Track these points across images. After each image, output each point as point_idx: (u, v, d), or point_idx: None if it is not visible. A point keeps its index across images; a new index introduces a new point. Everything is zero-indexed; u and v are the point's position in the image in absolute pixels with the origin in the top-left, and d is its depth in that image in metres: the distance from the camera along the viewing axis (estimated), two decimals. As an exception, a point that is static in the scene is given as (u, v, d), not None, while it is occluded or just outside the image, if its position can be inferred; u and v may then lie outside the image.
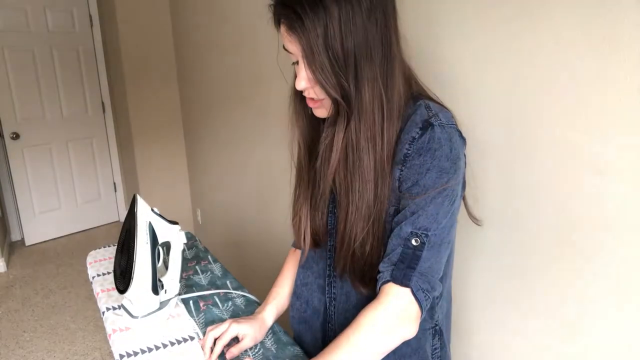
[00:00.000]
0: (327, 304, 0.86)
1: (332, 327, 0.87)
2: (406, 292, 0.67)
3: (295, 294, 0.94)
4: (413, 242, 0.67)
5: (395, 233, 0.70)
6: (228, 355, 0.86)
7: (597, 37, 0.72)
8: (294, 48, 0.66)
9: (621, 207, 0.74)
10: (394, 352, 0.71)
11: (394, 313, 0.67)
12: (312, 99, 0.72)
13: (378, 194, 0.70)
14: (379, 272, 0.71)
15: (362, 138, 0.67)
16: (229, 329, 0.86)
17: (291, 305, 0.95)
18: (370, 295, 0.75)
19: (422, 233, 0.67)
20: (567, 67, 0.77)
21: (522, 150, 0.87)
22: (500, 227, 0.95)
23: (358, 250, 0.73)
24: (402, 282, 0.67)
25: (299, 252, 0.98)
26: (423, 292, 0.67)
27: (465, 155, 0.74)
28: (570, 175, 0.80)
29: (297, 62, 0.69)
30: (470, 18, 0.92)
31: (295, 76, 0.75)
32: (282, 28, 0.66)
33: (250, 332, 0.88)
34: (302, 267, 0.92)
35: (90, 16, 3.48)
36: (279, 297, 0.96)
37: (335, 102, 0.67)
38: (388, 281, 0.68)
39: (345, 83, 0.64)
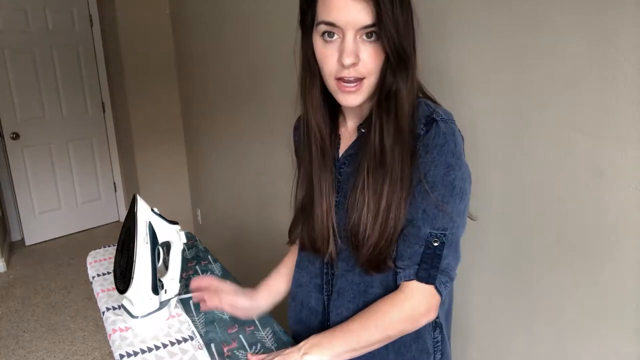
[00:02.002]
0: (326, 303, 0.86)
1: (329, 325, 0.86)
2: (430, 288, 0.72)
3: (291, 295, 0.94)
4: (433, 242, 0.71)
5: (411, 233, 0.72)
6: None
7: (596, 38, 0.72)
8: (355, 15, 0.64)
9: (621, 208, 0.74)
10: (395, 340, 0.76)
11: (420, 308, 0.73)
12: (349, 83, 0.69)
13: (407, 177, 0.71)
14: (398, 267, 0.74)
15: (404, 121, 0.69)
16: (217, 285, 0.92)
17: (288, 305, 0.95)
18: (374, 287, 0.78)
19: (440, 233, 0.71)
20: (567, 68, 0.77)
21: (523, 150, 0.87)
22: (500, 227, 0.95)
23: (395, 237, 0.73)
24: (428, 281, 0.72)
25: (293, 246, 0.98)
26: (443, 284, 0.73)
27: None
28: (570, 176, 0.80)
29: (340, 37, 0.67)
30: (471, 19, 0.92)
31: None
32: None
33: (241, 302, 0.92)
34: (297, 267, 0.91)
35: (90, 16, 3.48)
36: (270, 289, 0.97)
37: (406, 59, 0.67)
38: (412, 279, 0.73)
39: (409, 49, 0.66)
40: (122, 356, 0.87)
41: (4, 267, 3.13)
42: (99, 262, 1.27)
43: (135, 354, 0.88)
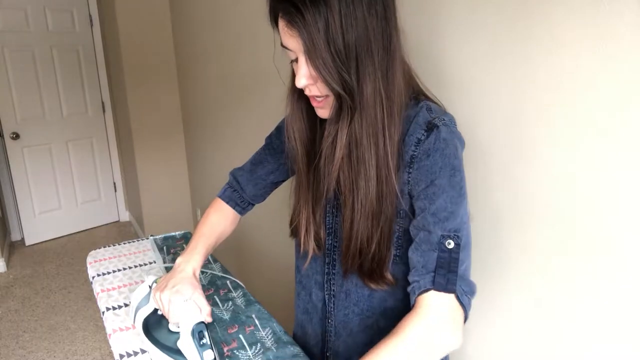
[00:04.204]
0: (326, 301, 0.86)
1: (331, 323, 0.87)
2: (450, 298, 0.64)
3: (302, 284, 0.94)
4: (447, 244, 0.66)
5: (423, 239, 0.68)
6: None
7: (596, 38, 0.72)
8: (294, 44, 0.64)
9: (620, 208, 0.74)
10: None
11: (441, 325, 0.64)
12: (315, 98, 0.71)
13: (382, 191, 0.69)
14: (410, 282, 0.69)
15: (364, 135, 0.66)
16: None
17: (297, 294, 0.95)
18: (378, 290, 0.78)
19: (453, 234, 0.66)
20: (566, 68, 0.77)
21: (521, 150, 0.87)
22: (498, 226, 0.95)
23: (364, 248, 0.73)
24: (447, 288, 0.64)
25: (224, 205, 0.97)
26: (466, 295, 0.66)
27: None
28: (569, 175, 0.80)
29: (296, 60, 0.67)
30: (471, 17, 0.92)
31: (293, 75, 0.74)
32: (281, 23, 0.64)
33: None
34: (303, 258, 0.92)
35: (90, 16, 3.48)
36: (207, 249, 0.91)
37: (338, 97, 0.66)
38: (428, 290, 0.65)
39: (347, 77, 0.63)
40: (122, 356, 0.87)
41: (4, 267, 3.13)
42: (99, 262, 1.26)
43: (135, 353, 0.88)
